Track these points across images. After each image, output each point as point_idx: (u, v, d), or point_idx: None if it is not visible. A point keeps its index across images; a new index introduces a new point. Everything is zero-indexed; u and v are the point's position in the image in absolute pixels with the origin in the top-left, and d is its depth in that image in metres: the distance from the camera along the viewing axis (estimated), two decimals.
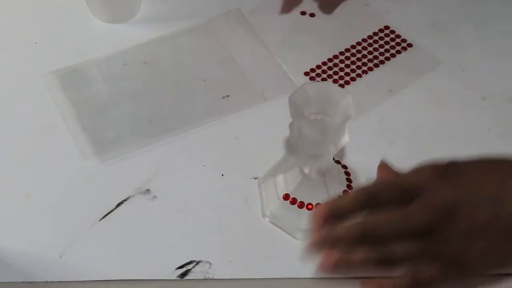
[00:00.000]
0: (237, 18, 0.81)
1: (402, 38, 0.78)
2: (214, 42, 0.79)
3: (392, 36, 0.79)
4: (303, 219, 0.62)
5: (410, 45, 0.78)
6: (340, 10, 0.82)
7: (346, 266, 0.51)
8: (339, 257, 0.50)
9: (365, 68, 0.77)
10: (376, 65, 0.77)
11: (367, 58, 0.77)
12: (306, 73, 0.76)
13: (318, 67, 0.76)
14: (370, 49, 0.78)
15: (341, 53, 0.77)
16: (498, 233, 0.52)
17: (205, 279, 0.61)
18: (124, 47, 0.78)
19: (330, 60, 0.77)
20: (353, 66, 0.77)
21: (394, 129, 0.72)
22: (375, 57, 0.77)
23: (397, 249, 0.51)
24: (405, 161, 0.67)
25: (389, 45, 0.79)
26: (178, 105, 0.73)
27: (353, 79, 0.76)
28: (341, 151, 0.68)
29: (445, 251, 0.52)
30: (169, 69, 0.76)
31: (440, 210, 0.52)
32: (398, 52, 0.78)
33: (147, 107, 0.73)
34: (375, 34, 0.79)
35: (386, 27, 0.80)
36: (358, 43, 0.79)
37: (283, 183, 0.64)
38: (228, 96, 0.74)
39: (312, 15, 0.78)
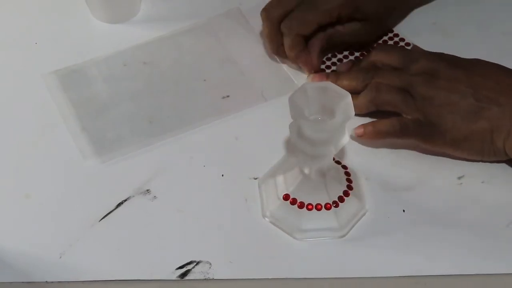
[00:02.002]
0: (237, 18, 0.81)
1: (400, 37, 0.78)
2: (214, 42, 0.78)
3: (390, 35, 0.79)
4: (303, 220, 0.62)
5: (408, 44, 0.78)
6: None
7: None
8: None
9: None
10: None
11: None
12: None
13: None
14: (369, 48, 0.78)
15: (339, 52, 0.77)
16: (466, 111, 0.64)
17: (205, 279, 0.61)
18: (124, 47, 0.78)
19: (328, 59, 0.77)
20: None
21: None
22: None
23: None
24: (404, 158, 0.68)
25: None
26: (178, 105, 0.73)
27: None
28: (341, 151, 0.67)
29: (422, 108, 0.65)
30: (169, 69, 0.76)
31: (423, 74, 0.66)
32: None
33: (147, 107, 0.73)
34: None
35: None
36: (357, 42, 0.78)
37: (283, 184, 0.64)
38: (228, 96, 0.74)
39: None
